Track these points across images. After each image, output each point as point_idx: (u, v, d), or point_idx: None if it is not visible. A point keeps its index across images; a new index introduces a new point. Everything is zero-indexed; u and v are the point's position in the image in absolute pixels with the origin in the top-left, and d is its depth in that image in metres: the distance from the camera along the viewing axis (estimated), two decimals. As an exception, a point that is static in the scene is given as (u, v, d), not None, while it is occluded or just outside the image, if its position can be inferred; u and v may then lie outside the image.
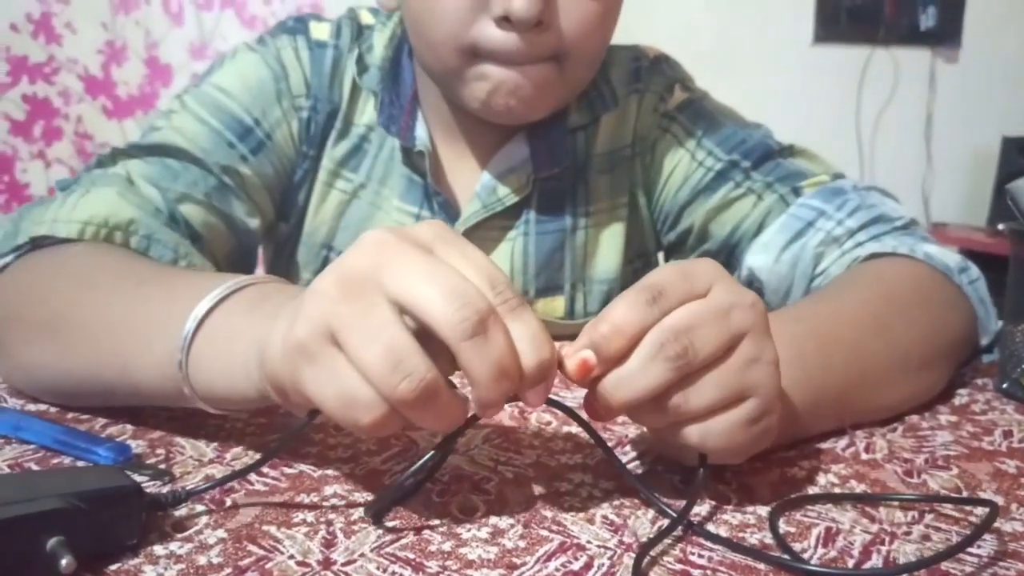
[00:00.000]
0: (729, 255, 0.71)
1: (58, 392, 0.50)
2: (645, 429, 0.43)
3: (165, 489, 0.39)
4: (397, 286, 0.32)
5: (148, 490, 0.38)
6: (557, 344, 0.36)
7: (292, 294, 0.39)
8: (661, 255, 0.80)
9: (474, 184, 0.71)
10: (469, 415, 0.35)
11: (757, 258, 0.68)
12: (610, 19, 0.63)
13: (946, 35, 2.52)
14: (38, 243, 0.55)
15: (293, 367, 0.34)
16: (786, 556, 0.34)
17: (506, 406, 0.52)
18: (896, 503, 0.40)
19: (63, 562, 0.31)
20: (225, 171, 0.65)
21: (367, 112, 0.71)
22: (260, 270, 0.78)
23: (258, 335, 0.37)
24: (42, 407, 0.51)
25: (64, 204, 0.57)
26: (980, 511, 0.39)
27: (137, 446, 0.45)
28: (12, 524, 0.31)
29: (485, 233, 0.71)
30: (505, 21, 0.57)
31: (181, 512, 0.37)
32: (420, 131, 0.69)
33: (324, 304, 0.33)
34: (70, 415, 0.49)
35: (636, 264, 0.77)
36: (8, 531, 0.31)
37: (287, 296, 0.39)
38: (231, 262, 0.67)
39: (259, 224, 0.68)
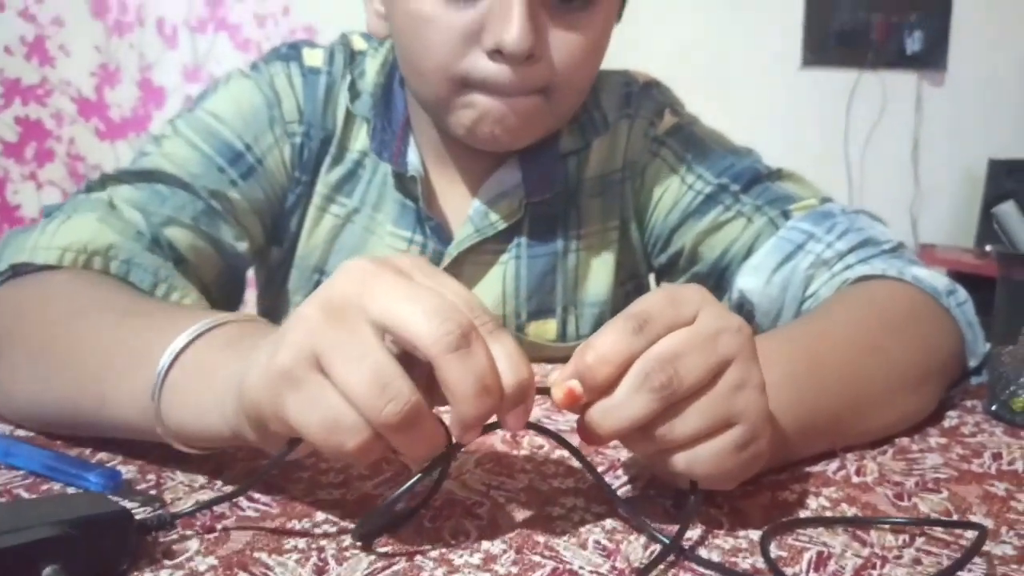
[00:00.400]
0: (719, 278, 0.71)
1: (41, 421, 0.50)
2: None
3: (151, 513, 0.39)
4: (380, 308, 0.33)
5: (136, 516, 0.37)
6: (549, 367, 0.36)
7: (269, 332, 0.39)
8: (652, 277, 0.81)
9: (466, 209, 0.71)
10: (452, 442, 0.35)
11: (748, 280, 0.68)
12: (598, 52, 0.64)
13: (932, 59, 2.56)
14: (18, 271, 0.55)
15: (275, 394, 0.33)
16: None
17: (498, 431, 0.52)
18: (887, 527, 0.40)
19: None
20: (213, 195, 0.65)
21: (360, 138, 0.71)
22: (252, 294, 0.78)
23: (234, 371, 0.37)
24: (30, 433, 0.50)
25: (44, 231, 0.57)
26: (970, 534, 0.39)
27: (127, 471, 0.44)
28: (7, 554, 0.31)
29: (477, 257, 0.71)
30: (497, 54, 0.58)
31: (172, 538, 0.37)
32: (412, 156, 0.69)
33: (308, 329, 0.33)
34: (59, 441, 0.49)
35: (628, 287, 0.77)
36: (3, 561, 0.30)
37: (264, 334, 0.39)
38: (219, 286, 0.67)
39: (248, 248, 0.68)
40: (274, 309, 0.77)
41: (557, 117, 0.66)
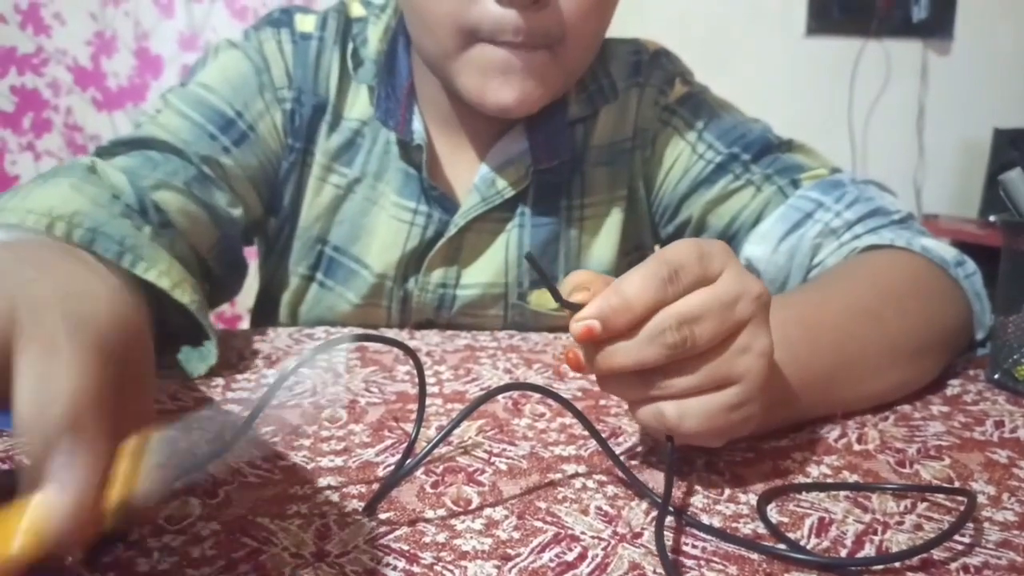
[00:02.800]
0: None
1: None
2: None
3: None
4: None
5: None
6: (551, 336, 0.36)
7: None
8: (658, 247, 0.80)
9: (472, 177, 0.70)
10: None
11: (755, 248, 0.68)
12: (608, 4, 0.63)
13: (938, 27, 2.52)
14: None
15: None
16: (781, 546, 0.35)
17: (499, 397, 0.52)
18: (889, 493, 0.40)
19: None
20: (205, 161, 0.64)
21: (358, 105, 0.70)
22: (253, 266, 0.77)
23: None
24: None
25: (17, 193, 0.55)
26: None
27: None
28: None
29: (482, 226, 0.71)
30: None
31: (174, 504, 0.37)
32: (416, 125, 0.68)
33: None
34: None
35: (632, 257, 0.77)
36: None
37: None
38: (216, 255, 0.66)
39: (243, 215, 0.68)
40: (275, 281, 0.76)
41: (565, 76, 0.65)
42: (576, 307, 0.36)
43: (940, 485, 0.41)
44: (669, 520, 0.37)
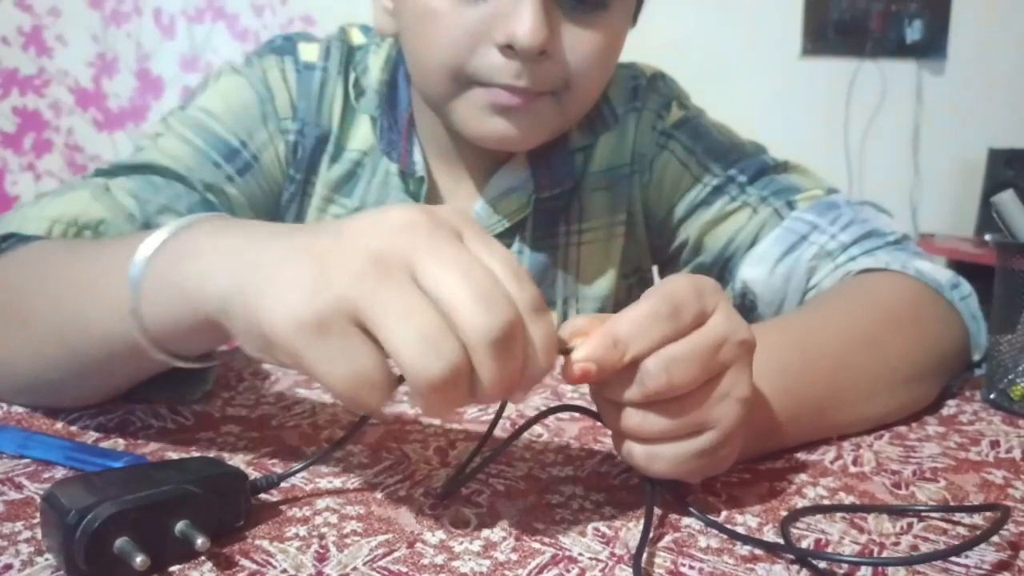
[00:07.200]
0: (723, 268, 0.71)
1: (32, 381, 0.49)
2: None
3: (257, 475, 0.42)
4: (430, 276, 0.32)
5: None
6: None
7: (261, 226, 0.38)
8: (656, 270, 0.81)
9: (473, 206, 0.71)
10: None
11: (751, 270, 0.68)
12: (612, 55, 0.63)
13: (932, 48, 2.55)
14: (6, 241, 0.54)
15: (302, 341, 0.32)
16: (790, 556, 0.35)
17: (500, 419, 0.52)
18: (914, 514, 0.40)
19: (199, 541, 0.33)
20: (209, 188, 0.64)
21: (359, 136, 0.70)
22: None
23: (234, 247, 0.35)
24: (31, 414, 0.51)
25: (36, 204, 0.56)
26: (969, 521, 0.39)
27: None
28: (143, 509, 0.33)
29: None
30: (509, 49, 0.56)
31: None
32: (417, 156, 0.69)
33: (350, 280, 0.31)
34: (58, 429, 0.49)
35: (631, 280, 0.78)
36: (141, 516, 0.33)
37: (257, 227, 0.37)
38: None
39: None
40: None
41: (566, 119, 0.65)
42: (569, 350, 0.36)
43: (972, 504, 0.41)
44: (668, 540, 0.37)
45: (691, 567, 0.35)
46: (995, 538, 0.38)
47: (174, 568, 0.34)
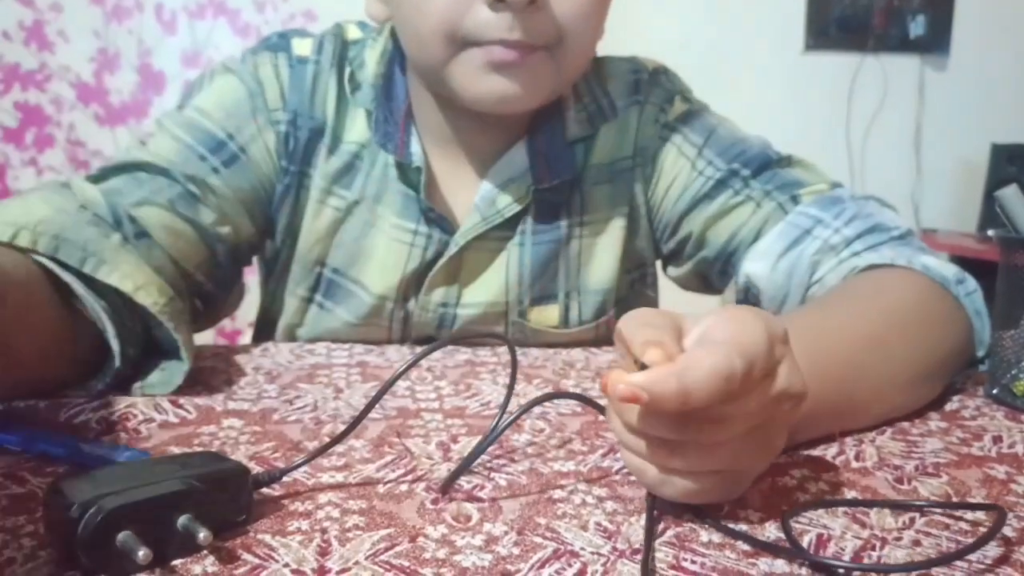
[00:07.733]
0: (726, 262, 0.71)
1: None
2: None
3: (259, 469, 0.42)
4: None
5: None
6: (551, 351, 0.36)
7: None
8: (659, 264, 0.81)
9: (471, 197, 0.71)
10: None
11: (755, 265, 0.68)
12: (602, 6, 0.64)
13: (935, 43, 2.54)
14: None
15: None
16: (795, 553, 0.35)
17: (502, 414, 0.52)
18: (917, 509, 0.40)
19: (201, 535, 0.33)
20: (191, 180, 0.64)
21: (356, 128, 0.70)
22: (253, 280, 0.78)
23: None
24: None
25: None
26: (971, 516, 0.39)
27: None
28: (146, 504, 0.33)
29: (482, 245, 0.71)
30: (498, 2, 0.57)
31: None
32: (415, 147, 0.69)
33: None
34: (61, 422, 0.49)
35: (633, 275, 0.77)
36: (144, 511, 0.33)
37: None
38: (206, 271, 0.66)
39: (230, 232, 0.67)
40: (275, 303, 0.77)
41: (562, 78, 0.65)
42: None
43: (969, 502, 0.41)
44: (670, 535, 0.37)
45: (693, 562, 0.35)
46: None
47: (176, 562, 0.34)
